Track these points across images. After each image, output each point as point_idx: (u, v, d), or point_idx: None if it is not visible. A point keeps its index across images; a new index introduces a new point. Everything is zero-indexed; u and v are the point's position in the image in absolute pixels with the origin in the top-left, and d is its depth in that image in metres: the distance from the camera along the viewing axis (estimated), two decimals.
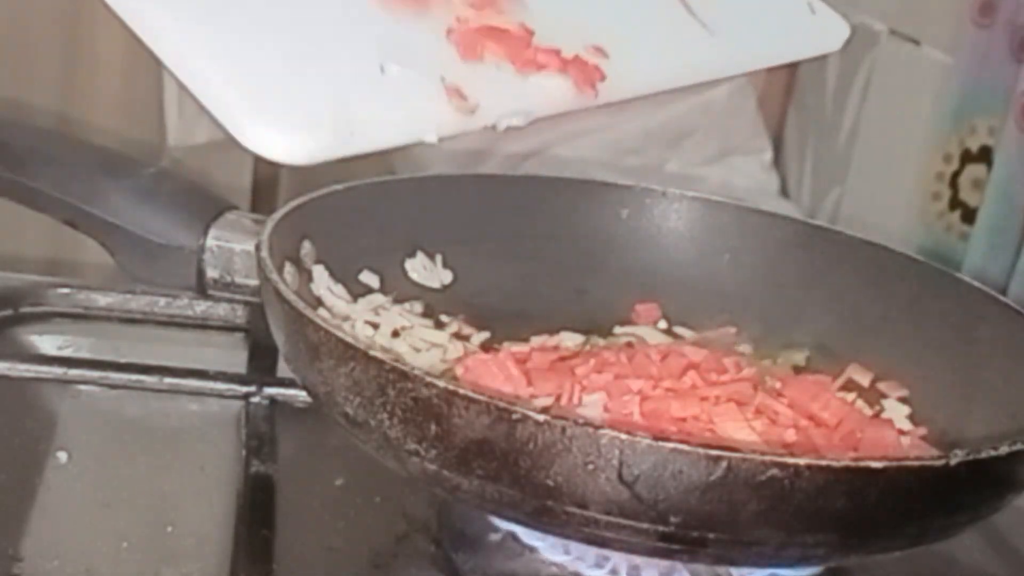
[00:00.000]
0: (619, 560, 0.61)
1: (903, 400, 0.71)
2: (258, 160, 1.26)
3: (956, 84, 0.99)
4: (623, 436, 0.53)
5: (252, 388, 0.75)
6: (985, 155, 0.96)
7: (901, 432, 0.67)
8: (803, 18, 0.76)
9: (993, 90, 0.96)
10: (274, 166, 1.21)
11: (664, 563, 0.60)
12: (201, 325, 0.83)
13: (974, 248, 0.94)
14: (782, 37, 0.75)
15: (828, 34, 0.77)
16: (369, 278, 0.72)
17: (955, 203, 1.00)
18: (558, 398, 0.63)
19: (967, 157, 0.99)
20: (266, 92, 0.60)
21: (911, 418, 0.70)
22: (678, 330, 0.76)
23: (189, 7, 0.61)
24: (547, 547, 0.63)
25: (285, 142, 0.58)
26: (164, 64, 0.61)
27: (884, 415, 0.70)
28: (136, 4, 0.60)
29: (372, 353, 0.57)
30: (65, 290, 0.82)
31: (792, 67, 1.27)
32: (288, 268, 0.67)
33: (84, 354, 0.78)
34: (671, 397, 0.63)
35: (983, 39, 0.96)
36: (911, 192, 1.04)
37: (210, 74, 0.60)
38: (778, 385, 0.68)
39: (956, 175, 1.00)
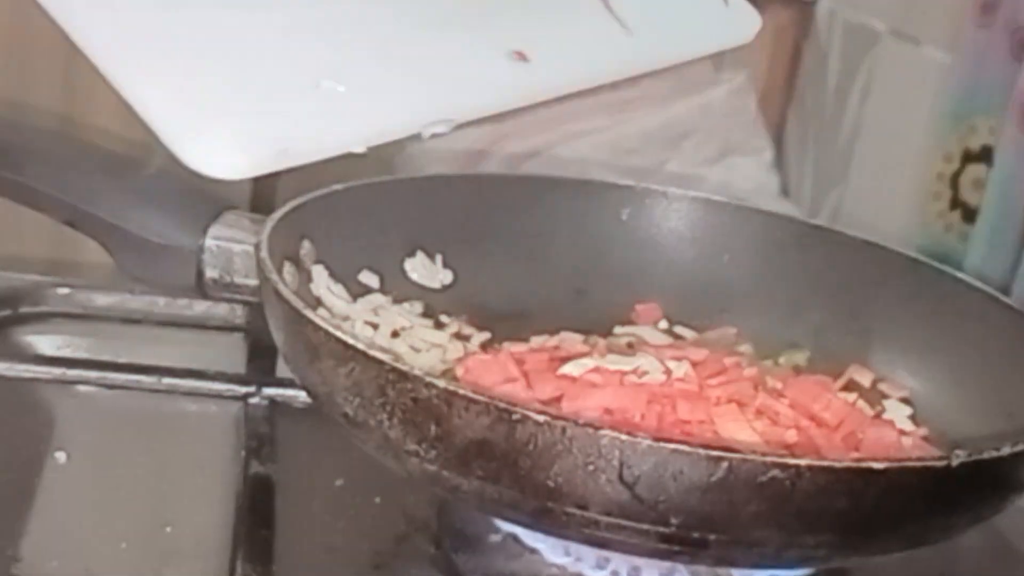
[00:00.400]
0: (620, 561, 0.61)
1: (904, 400, 0.71)
2: None
3: (956, 84, 0.99)
4: (624, 437, 0.53)
5: (251, 388, 0.75)
6: (986, 155, 0.96)
7: (902, 432, 0.67)
8: (717, 10, 0.77)
9: (993, 90, 0.96)
10: None
11: (665, 564, 0.60)
12: (201, 325, 0.83)
13: (974, 248, 0.94)
14: (698, 30, 0.76)
15: (742, 25, 0.78)
16: (369, 278, 0.72)
17: (955, 203, 0.99)
18: (559, 399, 0.63)
19: (967, 157, 0.98)
20: (204, 110, 0.61)
21: (912, 418, 0.70)
22: (678, 330, 0.76)
23: (132, 26, 0.61)
24: (547, 548, 0.62)
25: (223, 159, 0.59)
26: (107, 79, 0.61)
27: (885, 415, 0.70)
28: (80, 20, 0.61)
29: (372, 353, 0.57)
30: (65, 290, 0.82)
31: (792, 67, 1.27)
32: (288, 268, 0.67)
33: (84, 354, 0.78)
34: (677, 398, 0.63)
35: (983, 39, 0.96)
36: (911, 192, 1.03)
37: (151, 92, 0.60)
38: (779, 385, 0.68)
39: (956, 175, 0.99)
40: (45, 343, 0.80)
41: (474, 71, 0.66)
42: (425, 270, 0.74)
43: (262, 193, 1.21)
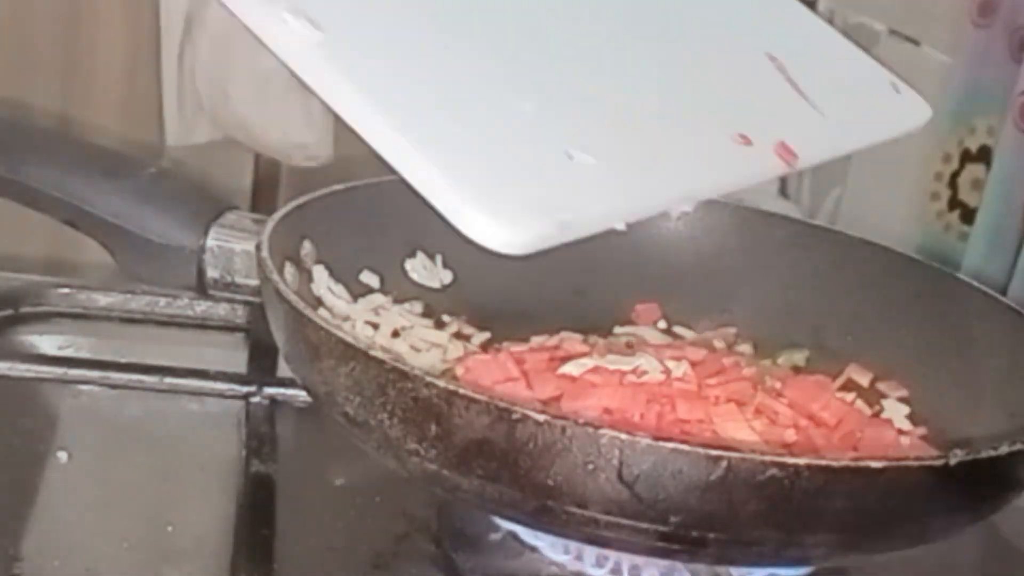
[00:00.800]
0: (619, 560, 0.61)
1: (903, 400, 0.71)
2: (258, 160, 1.26)
3: (955, 84, 0.99)
4: (623, 436, 0.53)
5: (252, 388, 0.75)
6: (984, 155, 0.96)
7: (901, 432, 0.68)
8: (891, 97, 0.77)
9: (992, 90, 0.96)
10: (274, 166, 1.21)
11: (664, 563, 0.60)
12: (201, 325, 0.83)
13: (973, 248, 0.94)
14: (874, 117, 0.76)
15: (914, 112, 0.78)
16: (369, 278, 0.72)
17: (954, 203, 0.99)
18: (559, 398, 0.63)
19: (966, 157, 0.98)
20: (481, 180, 0.60)
21: (911, 418, 0.70)
22: (678, 330, 0.76)
23: (399, 98, 0.62)
24: (547, 546, 0.63)
25: (506, 230, 0.59)
26: (383, 158, 0.61)
27: (884, 415, 0.70)
28: (343, 98, 0.61)
29: (372, 353, 0.57)
30: (65, 290, 0.82)
31: None
32: (288, 268, 0.67)
33: (84, 354, 0.78)
34: (676, 398, 0.63)
35: (982, 39, 0.96)
36: (910, 192, 1.03)
37: (423, 163, 0.60)
38: (778, 385, 0.68)
39: (955, 175, 0.99)
40: (46, 343, 0.80)
41: (707, 151, 0.67)
42: (425, 270, 0.74)
43: (263, 193, 1.21)
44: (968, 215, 0.97)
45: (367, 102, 0.60)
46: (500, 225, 0.58)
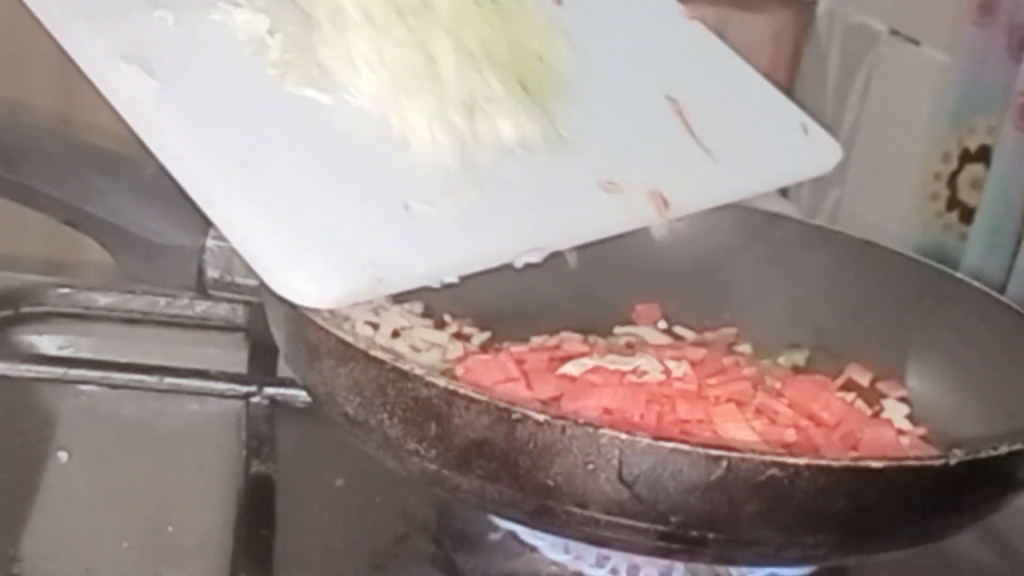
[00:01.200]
0: (619, 559, 0.61)
1: (903, 400, 0.71)
2: None
3: (955, 83, 0.99)
4: (623, 436, 0.53)
5: (252, 388, 0.75)
6: (984, 155, 0.96)
7: (900, 432, 0.68)
8: (797, 139, 0.77)
9: (992, 89, 0.96)
10: None
11: (664, 562, 0.60)
12: (201, 325, 0.83)
13: (972, 248, 0.94)
14: (780, 160, 0.75)
15: (822, 155, 0.78)
16: None
17: (953, 203, 0.99)
18: (559, 398, 0.63)
19: (966, 157, 0.98)
20: (294, 236, 0.60)
21: (910, 418, 0.70)
22: (678, 330, 0.76)
23: (219, 147, 0.61)
24: (547, 546, 0.63)
25: (315, 287, 0.59)
26: (192, 199, 0.61)
27: (884, 415, 0.70)
28: (169, 146, 0.61)
29: (372, 353, 0.57)
30: (65, 290, 0.82)
31: (792, 67, 1.27)
32: None
33: (84, 354, 0.78)
34: (676, 398, 0.63)
35: (982, 38, 0.96)
36: (910, 192, 1.03)
37: (239, 217, 0.60)
38: (778, 385, 0.68)
39: (954, 175, 0.99)
40: (46, 343, 0.80)
41: (565, 200, 0.66)
42: None
43: None
44: (967, 215, 0.97)
45: (193, 154, 0.60)
46: (307, 280, 0.58)
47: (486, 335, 0.72)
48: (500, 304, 0.73)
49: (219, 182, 0.60)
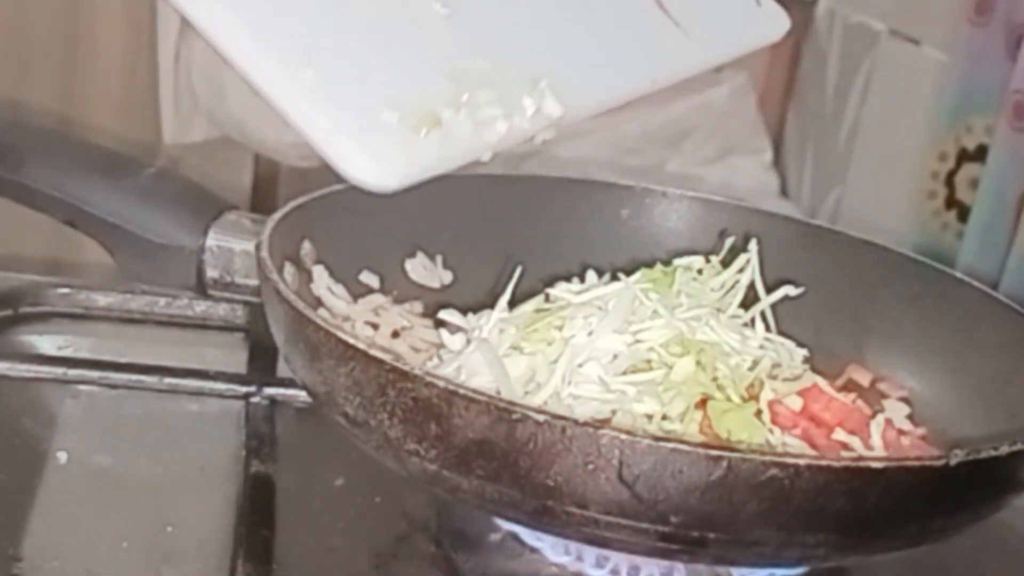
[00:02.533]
0: (619, 560, 0.61)
1: (903, 400, 0.71)
2: (257, 159, 1.26)
3: (953, 83, 0.99)
4: (623, 436, 0.53)
5: (252, 388, 0.75)
6: (982, 154, 0.96)
7: (901, 432, 0.68)
8: (751, 11, 0.78)
9: (989, 89, 0.96)
10: (273, 165, 1.21)
11: (664, 563, 0.60)
12: (201, 325, 0.83)
13: (967, 245, 0.94)
14: (736, 31, 0.77)
15: (773, 25, 0.79)
16: (369, 278, 0.72)
17: (951, 202, 1.00)
18: None
19: (963, 156, 0.99)
20: (357, 121, 0.63)
21: (911, 418, 0.70)
22: None
23: (275, 31, 0.64)
24: (547, 547, 0.63)
25: (382, 170, 0.62)
26: (267, 99, 0.65)
27: (884, 415, 0.70)
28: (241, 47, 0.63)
29: (372, 353, 0.57)
30: (65, 290, 0.82)
31: (792, 67, 1.27)
32: (288, 268, 0.67)
33: (84, 354, 0.78)
34: None
35: (979, 38, 0.96)
36: (908, 191, 1.04)
37: (303, 102, 0.63)
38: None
39: (952, 174, 1.00)
40: (46, 343, 0.80)
41: (574, 59, 0.69)
42: (425, 270, 0.74)
43: (262, 193, 1.22)
44: (965, 214, 0.97)
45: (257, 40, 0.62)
46: (375, 163, 0.60)
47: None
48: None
49: (279, 66, 0.63)
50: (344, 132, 0.64)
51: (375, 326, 0.70)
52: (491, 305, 0.68)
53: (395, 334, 0.70)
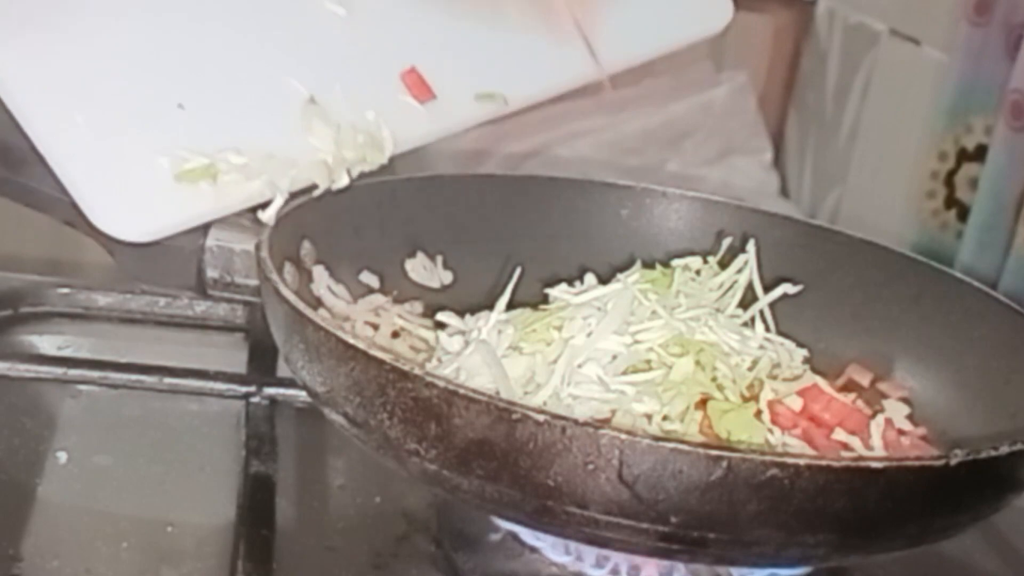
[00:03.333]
0: (619, 560, 0.61)
1: (903, 400, 0.71)
2: None
3: (952, 82, 0.99)
4: (623, 436, 0.53)
5: (252, 388, 0.75)
6: (981, 154, 0.96)
7: (901, 432, 0.68)
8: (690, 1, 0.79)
9: (989, 89, 0.96)
10: None
11: (664, 563, 0.60)
12: (201, 325, 0.83)
13: (965, 245, 0.94)
14: (673, 22, 0.78)
15: (714, 16, 0.79)
16: (369, 278, 0.72)
17: (951, 201, 1.00)
18: None
19: (963, 156, 0.99)
20: (110, 171, 0.64)
21: (911, 418, 0.70)
22: None
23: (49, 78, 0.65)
24: (547, 547, 0.63)
25: (131, 221, 0.63)
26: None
27: (884, 415, 0.70)
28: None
29: (372, 353, 0.57)
30: (65, 290, 0.82)
31: (792, 67, 1.27)
32: (288, 268, 0.67)
33: (84, 354, 0.78)
34: None
35: (979, 37, 0.96)
36: (908, 191, 1.04)
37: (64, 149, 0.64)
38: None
39: (952, 173, 1.00)
40: (46, 343, 0.80)
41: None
42: (425, 270, 0.74)
43: None
44: (964, 213, 0.97)
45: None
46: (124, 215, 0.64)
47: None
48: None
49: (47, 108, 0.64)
50: (99, 177, 0.65)
51: (375, 326, 0.70)
52: (491, 305, 0.68)
53: (395, 334, 0.70)
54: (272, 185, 0.67)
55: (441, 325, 0.71)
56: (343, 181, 0.69)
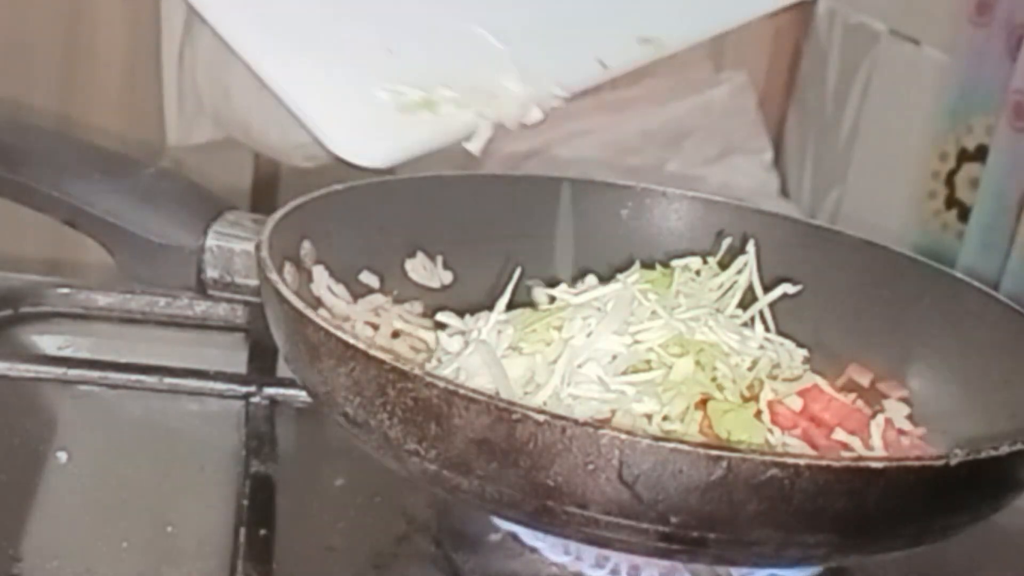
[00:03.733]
0: (619, 560, 0.61)
1: (903, 400, 0.71)
2: (258, 160, 1.27)
3: (953, 83, 0.99)
4: (623, 436, 0.53)
5: (252, 388, 0.75)
6: (982, 154, 0.96)
7: (901, 432, 0.68)
8: None
9: (990, 89, 0.96)
10: (274, 165, 1.21)
11: (664, 563, 0.60)
12: (201, 325, 0.83)
13: (966, 246, 0.94)
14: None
15: None
16: (369, 278, 0.72)
17: (951, 202, 1.00)
18: None
19: (964, 156, 0.99)
20: (346, 99, 0.67)
21: (911, 418, 0.70)
22: None
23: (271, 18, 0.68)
24: (547, 547, 0.63)
25: (370, 148, 0.66)
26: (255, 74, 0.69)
27: (884, 415, 0.70)
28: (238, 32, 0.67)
29: (372, 353, 0.57)
30: (65, 290, 0.82)
31: (792, 67, 1.27)
32: (288, 268, 0.67)
33: (84, 354, 0.78)
34: None
35: (980, 38, 0.96)
36: (909, 191, 1.04)
37: (293, 82, 0.67)
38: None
39: (952, 174, 1.00)
40: (46, 343, 0.80)
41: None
42: (425, 270, 0.74)
43: (262, 193, 1.22)
44: (965, 214, 0.97)
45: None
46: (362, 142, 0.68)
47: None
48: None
49: (273, 49, 0.67)
50: (335, 111, 0.68)
51: (375, 326, 0.70)
52: (491, 305, 0.68)
53: (395, 334, 0.70)
54: (481, 115, 0.73)
55: (441, 325, 0.71)
56: (536, 116, 0.75)
